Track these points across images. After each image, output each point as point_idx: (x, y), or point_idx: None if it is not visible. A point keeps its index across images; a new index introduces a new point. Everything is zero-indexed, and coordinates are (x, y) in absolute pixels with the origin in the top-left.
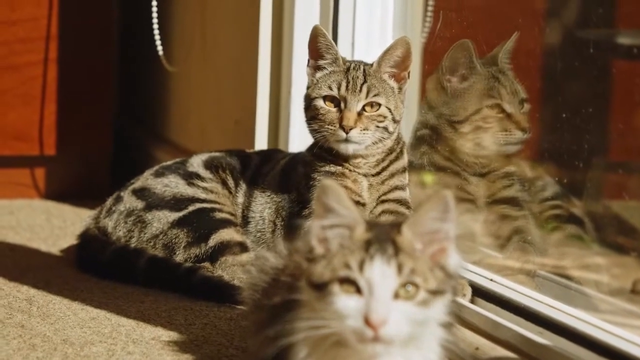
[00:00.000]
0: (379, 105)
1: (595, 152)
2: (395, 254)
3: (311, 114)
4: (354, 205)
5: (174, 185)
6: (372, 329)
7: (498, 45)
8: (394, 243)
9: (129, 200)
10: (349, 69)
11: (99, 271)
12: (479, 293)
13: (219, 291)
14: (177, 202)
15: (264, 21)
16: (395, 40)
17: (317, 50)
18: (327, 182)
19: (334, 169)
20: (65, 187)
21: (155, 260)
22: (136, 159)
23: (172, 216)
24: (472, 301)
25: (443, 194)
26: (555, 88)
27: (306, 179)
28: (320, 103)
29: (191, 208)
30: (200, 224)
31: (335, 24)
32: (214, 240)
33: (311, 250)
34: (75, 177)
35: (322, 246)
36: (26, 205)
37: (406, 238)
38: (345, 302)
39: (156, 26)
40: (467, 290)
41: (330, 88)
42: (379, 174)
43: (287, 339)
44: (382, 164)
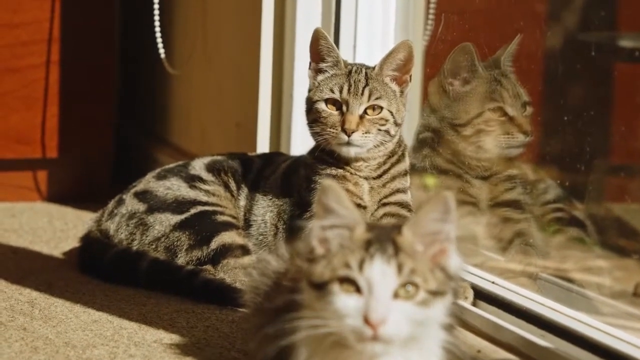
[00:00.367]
0: (381, 108)
1: (597, 155)
2: (396, 254)
3: (313, 117)
4: (354, 206)
5: (176, 188)
6: (371, 328)
7: (500, 49)
8: (394, 243)
9: (131, 203)
10: (350, 72)
11: (101, 274)
12: (480, 296)
13: (221, 294)
14: (179, 205)
15: (265, 24)
16: (398, 43)
17: (318, 53)
18: (327, 183)
19: (335, 172)
20: (67, 190)
21: (157, 263)
22: (138, 162)
23: (174, 219)
24: (474, 304)
25: (444, 195)
26: (556, 91)
27: (307, 182)
28: (322, 106)
29: (193, 211)
30: (202, 226)
31: (337, 27)
32: (215, 243)
33: (311, 251)
34: (77, 179)
35: (323, 246)
36: (28, 208)
37: (406, 238)
38: (344, 302)
39: (158, 29)
40: (469, 293)
41: (332, 91)
42: (380, 176)
43: (287, 338)
44: (384, 167)
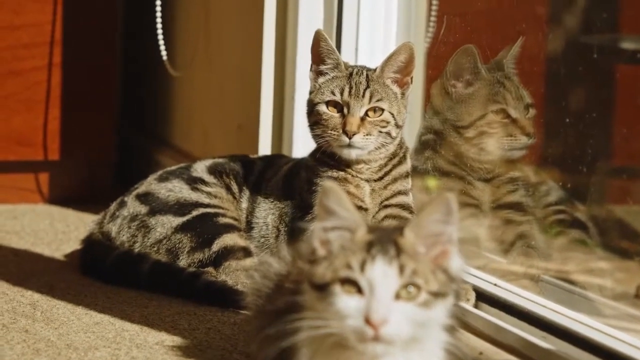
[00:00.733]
0: (382, 110)
1: (599, 157)
2: (397, 255)
3: (314, 119)
4: (355, 208)
5: (177, 190)
6: (372, 328)
7: (502, 51)
8: (396, 244)
9: (132, 205)
10: (351, 74)
11: (103, 276)
12: (482, 298)
13: (223, 296)
14: (180, 207)
15: (267, 26)
16: (399, 45)
17: (319, 55)
18: (328, 185)
19: (336, 174)
20: (68, 192)
21: (158, 265)
22: (139, 164)
23: (176, 221)
24: (476, 306)
25: (446, 196)
26: (559, 93)
27: (309, 184)
28: (323, 108)
29: (195, 213)
30: (203, 228)
31: (339, 29)
32: (217, 245)
33: (313, 252)
34: (79, 182)
35: (324, 248)
36: (30, 210)
37: (408, 240)
38: (346, 302)
39: (160, 31)
40: (471, 295)
41: (333, 93)
42: (381, 179)
43: (289, 339)
44: (385, 169)
